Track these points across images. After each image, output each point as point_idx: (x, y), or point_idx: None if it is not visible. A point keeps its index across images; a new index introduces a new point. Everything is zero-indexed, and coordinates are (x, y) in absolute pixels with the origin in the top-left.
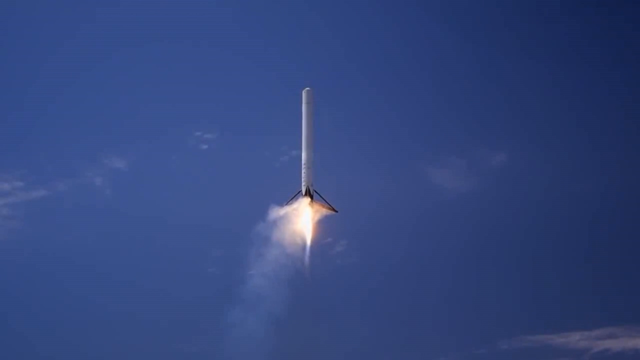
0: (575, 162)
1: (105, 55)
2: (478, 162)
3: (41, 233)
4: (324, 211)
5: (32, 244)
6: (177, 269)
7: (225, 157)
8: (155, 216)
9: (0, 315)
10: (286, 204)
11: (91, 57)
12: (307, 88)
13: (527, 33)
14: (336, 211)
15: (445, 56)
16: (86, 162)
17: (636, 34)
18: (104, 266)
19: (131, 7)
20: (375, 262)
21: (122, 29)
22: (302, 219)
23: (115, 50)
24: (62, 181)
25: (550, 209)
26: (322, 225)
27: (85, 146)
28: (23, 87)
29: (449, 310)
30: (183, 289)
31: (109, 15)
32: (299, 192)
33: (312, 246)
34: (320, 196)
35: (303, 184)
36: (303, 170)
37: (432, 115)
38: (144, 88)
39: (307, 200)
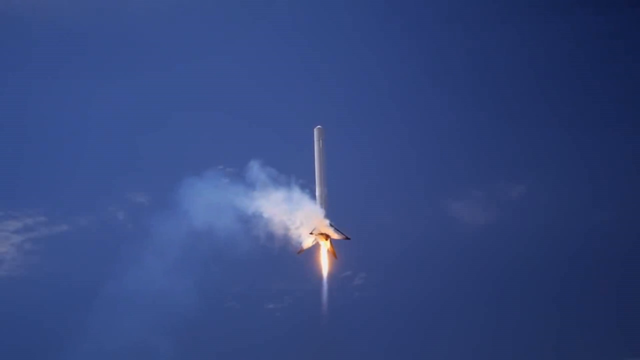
0: (595, 193)
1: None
2: (497, 194)
3: (62, 267)
4: (337, 237)
5: (52, 278)
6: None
7: None
8: (177, 251)
9: (23, 350)
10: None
11: (112, 99)
12: (319, 126)
13: (548, 69)
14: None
15: (465, 89)
16: (108, 197)
17: None
18: (125, 301)
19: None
20: (394, 295)
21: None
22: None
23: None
24: (84, 216)
25: (570, 240)
26: (341, 258)
27: (107, 181)
28: (46, 124)
29: (468, 344)
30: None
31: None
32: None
33: (331, 278)
34: (333, 226)
35: None
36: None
37: (451, 148)
38: (163, 125)
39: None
